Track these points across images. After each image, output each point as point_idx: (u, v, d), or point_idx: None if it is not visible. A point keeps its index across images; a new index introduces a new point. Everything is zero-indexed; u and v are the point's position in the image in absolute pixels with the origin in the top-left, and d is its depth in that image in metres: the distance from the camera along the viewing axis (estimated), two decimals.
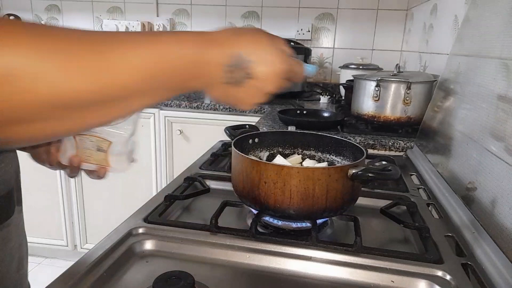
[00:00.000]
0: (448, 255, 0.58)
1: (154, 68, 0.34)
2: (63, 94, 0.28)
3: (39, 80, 0.26)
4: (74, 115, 0.30)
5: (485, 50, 0.83)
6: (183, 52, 0.36)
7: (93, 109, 0.31)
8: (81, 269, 0.51)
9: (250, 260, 0.58)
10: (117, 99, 0.33)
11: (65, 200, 2.05)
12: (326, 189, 0.59)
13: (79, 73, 0.28)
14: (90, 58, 0.29)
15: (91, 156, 0.59)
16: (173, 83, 0.37)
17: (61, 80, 0.27)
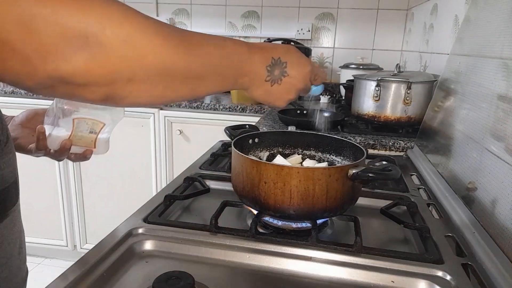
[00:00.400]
0: (448, 255, 0.58)
1: (220, 62, 0.45)
2: (163, 63, 0.38)
3: (149, 51, 0.36)
4: (169, 84, 0.40)
5: (485, 50, 0.82)
6: (239, 54, 0.48)
7: (181, 82, 0.41)
8: (81, 269, 0.51)
9: (250, 260, 0.58)
10: (196, 76, 0.43)
11: (65, 200, 2.05)
12: (326, 189, 0.59)
13: (175, 51, 0.39)
14: (183, 44, 0.40)
15: (81, 139, 0.66)
16: (231, 76, 0.48)
17: (164, 52, 0.38)
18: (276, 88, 0.54)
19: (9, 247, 0.48)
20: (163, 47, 0.38)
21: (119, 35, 0.34)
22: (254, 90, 0.53)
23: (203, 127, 1.84)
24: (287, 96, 0.56)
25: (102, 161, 1.97)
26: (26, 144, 0.67)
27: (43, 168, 1.98)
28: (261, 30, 2.33)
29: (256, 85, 0.52)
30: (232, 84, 0.50)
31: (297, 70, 0.55)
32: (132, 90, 0.37)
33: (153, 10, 2.40)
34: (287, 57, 0.54)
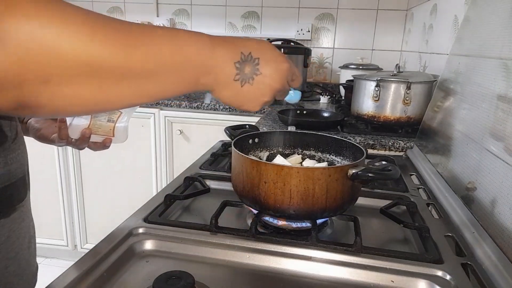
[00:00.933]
0: (448, 255, 0.58)
1: (171, 58, 0.38)
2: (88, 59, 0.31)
3: (67, 45, 0.29)
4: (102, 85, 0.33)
5: (485, 50, 0.83)
6: (198, 49, 0.40)
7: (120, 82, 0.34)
8: (81, 269, 0.51)
9: (250, 260, 0.58)
10: (136, 78, 0.35)
11: (66, 199, 2.05)
12: (326, 189, 0.59)
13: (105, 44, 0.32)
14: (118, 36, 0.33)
15: (100, 127, 0.68)
16: (187, 76, 0.40)
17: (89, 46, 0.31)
18: (248, 89, 0.45)
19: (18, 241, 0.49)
20: (86, 40, 0.30)
21: (23, 26, 0.27)
22: (221, 91, 0.45)
23: (203, 127, 1.84)
24: (261, 99, 0.47)
25: (102, 161, 1.97)
26: (48, 134, 0.70)
27: (43, 168, 1.98)
28: (261, 30, 2.33)
29: (222, 86, 0.44)
30: (193, 84, 0.42)
31: (272, 68, 0.46)
32: (52, 95, 0.31)
33: (153, 10, 2.41)
34: (260, 52, 0.45)
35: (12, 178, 0.46)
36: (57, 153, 1.97)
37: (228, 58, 0.43)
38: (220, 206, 0.68)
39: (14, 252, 0.48)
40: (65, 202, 2.06)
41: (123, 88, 0.35)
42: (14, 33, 0.27)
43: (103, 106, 0.36)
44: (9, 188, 0.46)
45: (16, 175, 0.47)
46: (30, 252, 0.53)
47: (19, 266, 0.50)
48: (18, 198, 0.48)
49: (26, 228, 0.51)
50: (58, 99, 0.31)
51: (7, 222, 0.46)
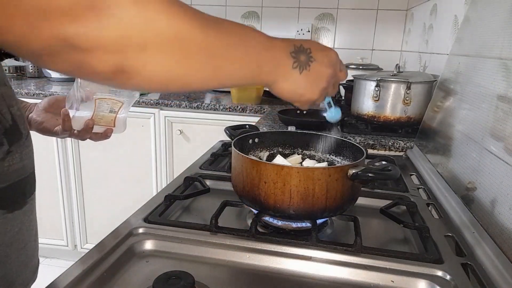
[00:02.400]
0: (448, 255, 0.58)
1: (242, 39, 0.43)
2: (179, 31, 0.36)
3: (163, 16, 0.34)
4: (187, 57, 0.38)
5: (485, 50, 0.83)
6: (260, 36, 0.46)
7: (201, 57, 0.39)
8: (81, 269, 0.51)
9: (250, 260, 0.58)
10: (217, 53, 0.40)
11: (66, 199, 2.05)
12: (326, 189, 0.59)
13: (192, 21, 0.38)
14: (200, 17, 0.40)
15: (103, 118, 0.71)
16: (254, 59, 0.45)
17: (180, 21, 0.36)
18: (306, 76, 0.49)
19: (27, 233, 0.51)
20: (179, 15, 0.36)
21: (132, 6, 0.32)
22: (282, 82, 0.48)
23: (203, 127, 1.84)
24: (320, 85, 0.51)
25: (102, 160, 1.97)
26: (51, 127, 0.74)
27: (43, 168, 1.98)
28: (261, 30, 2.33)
29: (282, 76, 0.48)
30: (258, 72, 0.45)
31: (324, 55, 0.51)
32: (146, 61, 0.35)
33: None
34: (309, 44, 0.50)
35: (26, 172, 0.50)
36: (57, 153, 1.97)
37: (284, 49, 0.48)
38: (220, 206, 0.68)
39: (23, 243, 0.51)
40: (65, 202, 2.06)
41: (203, 64, 0.39)
42: (121, 5, 0.32)
43: (186, 80, 0.40)
44: (23, 181, 0.49)
45: (29, 169, 0.51)
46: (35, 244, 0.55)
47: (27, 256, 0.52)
48: (29, 192, 0.52)
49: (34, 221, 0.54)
50: (151, 66, 0.35)
51: (20, 215, 0.49)
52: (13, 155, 0.47)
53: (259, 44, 0.45)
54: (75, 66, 0.33)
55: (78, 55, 0.32)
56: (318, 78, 0.51)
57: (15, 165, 0.47)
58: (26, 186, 0.50)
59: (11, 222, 0.47)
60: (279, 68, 0.47)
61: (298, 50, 0.49)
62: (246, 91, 1.84)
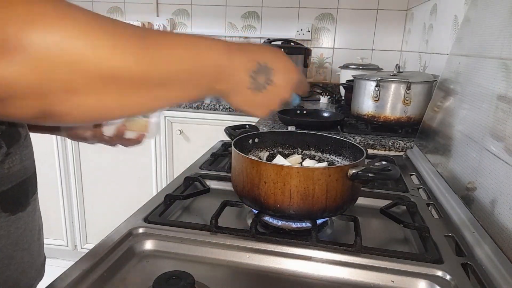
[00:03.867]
0: (448, 255, 0.58)
1: (189, 66, 0.39)
2: (111, 69, 0.32)
3: (90, 55, 0.30)
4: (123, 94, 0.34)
5: (485, 50, 0.83)
6: (216, 56, 0.41)
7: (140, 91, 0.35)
8: (81, 269, 0.51)
9: (250, 260, 0.58)
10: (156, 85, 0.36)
11: (66, 199, 2.05)
12: (326, 189, 0.59)
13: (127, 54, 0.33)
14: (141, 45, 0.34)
15: (135, 124, 0.67)
16: (204, 82, 0.41)
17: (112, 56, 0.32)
18: (259, 97, 0.47)
19: (31, 233, 0.51)
20: (110, 49, 0.31)
21: (47, 36, 0.28)
22: (233, 97, 0.46)
23: (203, 127, 1.84)
24: (270, 107, 0.50)
25: (102, 161, 1.97)
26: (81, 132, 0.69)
27: (43, 168, 1.98)
28: (261, 30, 2.33)
29: (235, 92, 0.46)
30: (207, 91, 0.43)
31: (284, 79, 0.48)
32: (75, 104, 0.32)
33: (153, 10, 2.41)
34: (275, 63, 0.47)
35: (27, 173, 0.49)
36: (57, 153, 1.97)
37: (245, 67, 0.45)
38: (220, 206, 0.68)
39: (27, 243, 0.50)
40: (65, 202, 2.06)
41: (143, 95, 0.36)
42: (38, 44, 0.28)
43: (124, 113, 0.37)
44: (25, 182, 0.49)
45: (30, 170, 0.50)
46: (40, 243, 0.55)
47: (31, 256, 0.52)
48: (32, 192, 0.51)
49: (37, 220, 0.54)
50: (81, 108, 0.32)
51: (23, 216, 0.49)
52: (13, 157, 0.46)
53: (214, 66, 0.41)
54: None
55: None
56: (270, 101, 0.49)
57: (16, 166, 0.47)
58: (28, 187, 0.50)
59: (14, 224, 0.47)
60: (233, 85, 0.45)
61: (260, 70, 0.46)
62: None
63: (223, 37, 2.37)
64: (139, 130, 0.68)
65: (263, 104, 0.49)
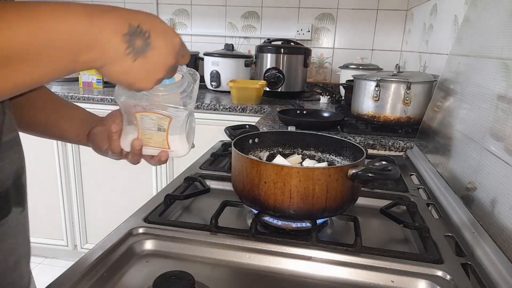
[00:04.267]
0: (448, 255, 0.58)
1: (33, 38, 0.33)
2: None
3: None
4: None
5: (485, 50, 0.83)
6: (73, 21, 0.35)
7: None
8: (81, 269, 0.51)
9: (250, 260, 0.58)
10: (10, 59, 0.33)
11: (65, 200, 2.05)
12: (326, 189, 0.59)
13: None
14: None
15: (152, 137, 0.57)
16: (63, 55, 0.36)
17: None
18: (140, 64, 0.40)
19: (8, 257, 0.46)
20: None
21: None
22: (111, 67, 0.39)
23: (203, 127, 1.84)
24: (155, 75, 0.43)
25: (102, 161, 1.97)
26: (102, 145, 0.61)
27: (43, 168, 1.98)
28: (261, 30, 2.33)
29: (112, 62, 0.39)
30: (72, 63, 0.37)
31: (165, 41, 0.42)
32: None
33: (153, 10, 2.40)
34: (149, 25, 0.40)
35: None
36: (57, 153, 1.97)
37: (114, 30, 0.38)
38: (220, 206, 0.68)
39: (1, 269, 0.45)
40: (65, 202, 2.06)
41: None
42: None
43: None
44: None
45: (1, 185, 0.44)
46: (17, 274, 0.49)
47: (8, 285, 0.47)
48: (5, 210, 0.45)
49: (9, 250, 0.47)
50: None
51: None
52: None
53: (69, 32, 0.35)
54: None
55: None
56: (155, 67, 0.42)
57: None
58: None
59: None
60: (106, 53, 0.38)
61: (134, 32, 0.39)
62: (246, 91, 1.84)
63: (223, 37, 2.37)
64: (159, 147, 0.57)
65: (146, 72, 0.42)
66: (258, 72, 2.10)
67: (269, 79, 2.02)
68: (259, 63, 2.08)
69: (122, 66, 0.40)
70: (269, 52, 2.02)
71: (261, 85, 1.87)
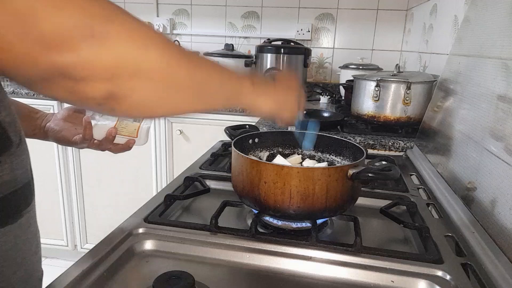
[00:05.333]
0: (448, 255, 0.58)
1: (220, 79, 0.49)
2: (167, 64, 0.39)
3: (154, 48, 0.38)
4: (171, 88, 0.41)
5: (485, 50, 0.83)
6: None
7: (183, 90, 0.43)
8: (81, 269, 0.51)
9: (250, 260, 0.58)
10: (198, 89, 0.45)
11: (66, 199, 2.05)
12: (326, 189, 0.59)
13: (177, 58, 0.41)
14: (186, 56, 0.43)
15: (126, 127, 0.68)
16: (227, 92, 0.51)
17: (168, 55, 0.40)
18: (276, 87, 0.56)
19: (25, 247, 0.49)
20: (169, 49, 0.39)
21: (124, 27, 0.35)
22: (257, 97, 0.54)
23: (203, 127, 1.84)
24: (294, 93, 0.59)
25: (102, 161, 1.97)
26: (70, 136, 0.72)
27: (43, 168, 1.98)
28: (261, 30, 2.33)
29: (258, 95, 0.54)
30: (234, 95, 0.52)
31: (286, 75, 0.61)
32: (136, 88, 0.37)
33: (153, 10, 2.40)
34: None
35: (18, 184, 0.47)
36: (57, 153, 1.97)
37: (251, 80, 0.54)
38: (220, 206, 0.68)
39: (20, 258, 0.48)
40: (65, 202, 2.06)
41: (183, 96, 0.43)
42: (122, 41, 0.35)
43: (168, 108, 0.44)
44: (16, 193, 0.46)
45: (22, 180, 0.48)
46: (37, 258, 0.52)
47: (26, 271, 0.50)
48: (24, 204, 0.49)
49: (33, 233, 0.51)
50: (140, 92, 0.38)
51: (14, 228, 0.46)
52: (2, 166, 0.43)
53: (229, 74, 0.50)
54: (68, 93, 0.35)
55: (72, 84, 0.33)
56: (288, 87, 0.58)
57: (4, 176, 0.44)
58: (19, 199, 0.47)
59: (3, 237, 0.44)
60: (252, 89, 0.53)
61: (259, 78, 0.55)
62: None
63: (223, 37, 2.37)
64: (129, 135, 0.69)
65: (285, 92, 0.58)
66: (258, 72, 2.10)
67: None
68: (259, 63, 2.08)
69: (264, 95, 0.56)
70: (269, 52, 2.02)
71: None
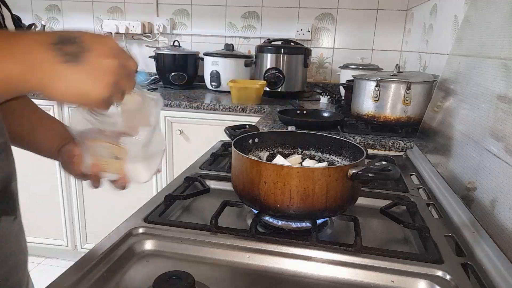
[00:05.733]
0: (448, 255, 0.58)
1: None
2: None
3: None
4: None
5: (485, 50, 0.83)
6: None
7: None
8: (81, 269, 0.51)
9: (250, 260, 0.58)
10: None
11: (65, 200, 2.05)
12: (326, 189, 0.59)
13: None
14: None
15: (108, 164, 0.56)
16: None
17: None
18: (82, 70, 0.37)
19: None
20: None
21: None
22: (53, 82, 0.37)
23: (203, 127, 1.84)
24: (106, 79, 0.39)
25: None
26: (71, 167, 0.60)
27: (43, 168, 1.97)
28: (261, 30, 2.33)
29: (47, 76, 0.37)
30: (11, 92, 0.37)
31: (98, 42, 0.39)
32: None
33: (153, 10, 2.40)
34: (78, 33, 0.39)
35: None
36: None
37: (42, 42, 0.36)
38: (220, 206, 0.68)
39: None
40: (65, 202, 2.06)
41: None
42: None
43: None
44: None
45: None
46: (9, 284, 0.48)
47: None
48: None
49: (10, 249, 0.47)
50: None
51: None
52: None
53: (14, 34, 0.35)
54: None
55: None
56: (99, 70, 0.38)
57: None
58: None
59: None
60: (40, 68, 0.36)
61: (63, 40, 0.37)
62: (246, 91, 1.84)
63: (223, 37, 2.37)
64: (115, 173, 0.56)
65: (92, 78, 0.38)
66: (258, 72, 2.10)
67: (269, 79, 2.02)
68: (259, 63, 2.08)
69: (63, 79, 0.37)
70: (269, 52, 2.02)
71: (261, 85, 1.87)
